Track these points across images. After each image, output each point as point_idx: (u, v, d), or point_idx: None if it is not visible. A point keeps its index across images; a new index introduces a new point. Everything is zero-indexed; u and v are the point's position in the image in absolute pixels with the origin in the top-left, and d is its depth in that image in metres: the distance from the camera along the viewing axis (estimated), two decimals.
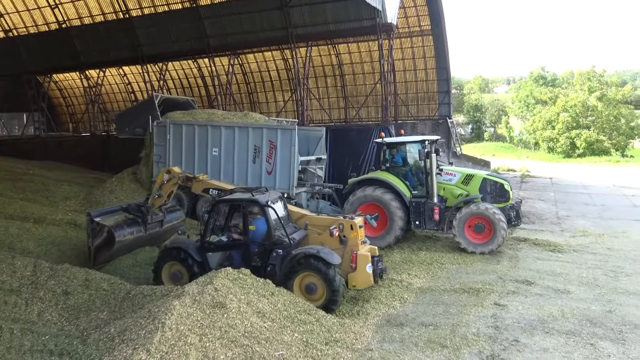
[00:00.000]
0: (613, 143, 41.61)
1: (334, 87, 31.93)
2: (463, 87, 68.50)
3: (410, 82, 30.90)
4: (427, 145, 14.09)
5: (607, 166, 35.79)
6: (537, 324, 8.57)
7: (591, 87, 43.30)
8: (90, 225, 10.93)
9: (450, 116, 30.37)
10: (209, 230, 9.71)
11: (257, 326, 7.10)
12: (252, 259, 9.35)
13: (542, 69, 55.42)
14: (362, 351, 7.52)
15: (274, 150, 15.16)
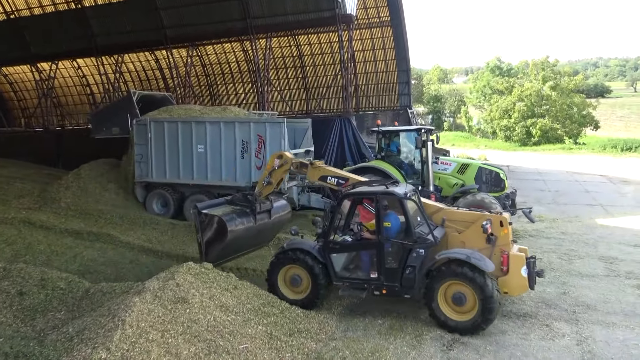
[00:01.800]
0: (566, 131, 43.00)
1: (295, 79, 31.82)
2: (422, 77, 69.40)
3: (370, 73, 31.08)
4: (423, 134, 14.22)
5: (561, 153, 37.01)
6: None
7: (545, 76, 44.57)
8: (199, 218, 9.80)
9: (411, 106, 30.73)
10: (333, 228, 8.71)
11: (220, 320, 7.05)
12: (386, 260, 8.23)
13: (498, 60, 56.70)
14: (326, 341, 7.59)
15: (263, 145, 14.74)
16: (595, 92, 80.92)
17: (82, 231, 13.78)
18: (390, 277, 8.15)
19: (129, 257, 12.18)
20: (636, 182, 22.82)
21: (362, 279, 8.46)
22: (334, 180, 9.53)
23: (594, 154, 35.36)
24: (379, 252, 8.23)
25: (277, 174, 10.03)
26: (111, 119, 18.88)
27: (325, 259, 8.56)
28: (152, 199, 16.31)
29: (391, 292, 8.23)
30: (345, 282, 8.50)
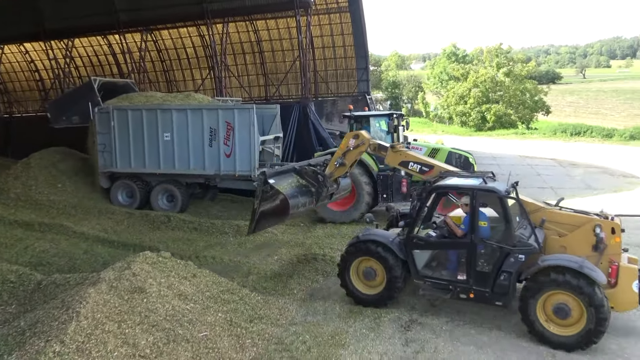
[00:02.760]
0: (519, 116, 44.20)
1: (253, 64, 31.43)
2: (381, 64, 69.85)
3: (329, 59, 31.02)
4: (394, 119, 14.25)
5: (514, 138, 38.09)
6: None
7: (499, 63, 45.58)
8: (262, 187, 9.16)
9: (369, 92, 30.90)
10: (418, 222, 8.03)
11: (179, 309, 6.99)
12: (477, 262, 7.42)
13: (454, 46, 57.58)
14: (286, 326, 7.65)
15: (232, 132, 14.48)
16: (546, 79, 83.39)
17: (33, 222, 13.35)
18: (480, 281, 7.38)
19: (83, 248, 11.90)
20: (584, 165, 23.75)
21: (448, 280, 7.71)
22: (416, 166, 8.85)
23: (545, 139, 36.53)
24: (471, 253, 7.44)
25: (351, 155, 9.45)
26: (71, 107, 18.13)
27: (407, 255, 7.90)
28: (117, 189, 15.92)
29: (480, 298, 7.48)
30: (427, 281, 7.84)
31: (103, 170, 15.81)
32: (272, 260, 10.86)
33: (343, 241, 12.23)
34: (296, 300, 8.73)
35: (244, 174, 14.50)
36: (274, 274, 9.88)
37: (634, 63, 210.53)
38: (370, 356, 6.78)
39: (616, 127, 36.85)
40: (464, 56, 55.77)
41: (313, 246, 11.82)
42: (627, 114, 52.13)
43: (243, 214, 15.31)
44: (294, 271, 10.04)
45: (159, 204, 15.47)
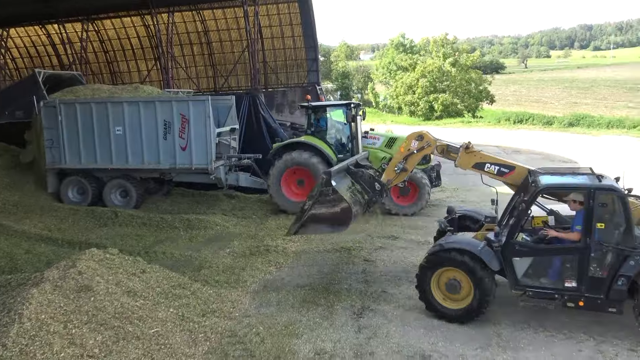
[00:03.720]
0: (465, 105, 45.36)
1: (201, 55, 30.91)
2: (330, 54, 70.00)
3: (278, 50, 30.85)
4: (352, 108, 14.23)
5: (461, 127, 39.12)
6: (402, 275, 9.29)
7: (445, 53, 46.56)
8: (322, 188, 8.16)
9: (319, 83, 30.96)
10: (518, 228, 7.24)
11: (128, 306, 6.84)
12: (589, 268, 6.84)
13: (402, 37, 58.30)
14: (239, 318, 7.62)
15: (187, 124, 14.08)
16: (490, 69, 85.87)
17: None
18: (593, 288, 6.82)
19: (24, 248, 11.40)
20: (526, 151, 24.69)
21: (554, 288, 7.05)
22: (494, 168, 8.04)
23: (490, 127, 37.68)
24: (584, 257, 6.84)
25: (414, 159, 8.53)
26: (14, 101, 17.22)
27: (505, 263, 7.13)
28: (67, 186, 15.22)
29: (591, 305, 6.93)
30: (528, 291, 7.13)
31: (51, 166, 15.14)
32: (224, 253, 10.76)
33: None
34: (249, 292, 8.70)
35: (200, 167, 14.23)
36: (227, 267, 9.80)
37: (572, 53, 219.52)
38: (324, 344, 6.85)
39: (556, 115, 38.41)
40: (411, 46, 56.58)
41: (266, 238, 11.80)
42: (566, 102, 54.50)
43: (194, 207, 15.11)
44: (246, 263, 9.99)
45: (112, 200, 14.97)
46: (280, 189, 14.00)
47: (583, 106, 47.25)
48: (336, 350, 6.72)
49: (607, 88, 66.49)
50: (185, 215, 13.73)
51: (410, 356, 6.57)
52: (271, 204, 15.14)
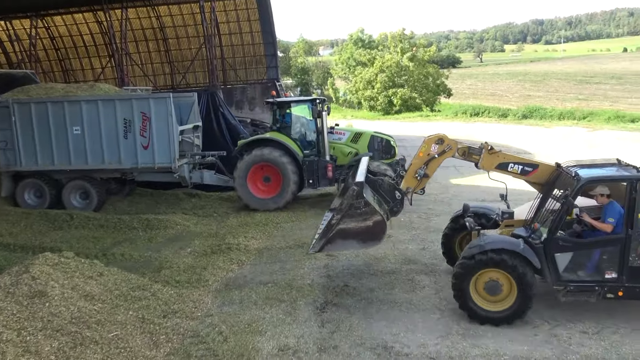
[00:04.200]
0: (424, 99, 46.05)
1: (157, 52, 30.25)
2: (289, 50, 69.77)
3: (236, 46, 30.51)
4: (318, 104, 14.17)
5: (420, 121, 39.67)
6: (363, 268, 9.40)
7: (403, 48, 47.11)
8: (354, 200, 7.41)
9: (279, 79, 30.83)
10: (561, 223, 7.13)
11: (85, 310, 6.67)
12: (630, 257, 6.91)
13: (361, 32, 58.66)
14: (202, 318, 7.54)
15: (148, 122, 13.77)
16: (447, 63, 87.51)
17: None
18: (633, 277, 6.96)
19: None
20: None
21: (594, 281, 7.10)
22: (517, 167, 7.94)
23: (447, 120, 38.38)
24: (624, 248, 6.92)
25: (436, 163, 8.19)
26: None
27: (547, 259, 7.08)
28: (23, 189, 14.66)
29: (630, 294, 7.07)
30: (569, 286, 7.13)
31: (5, 169, 14.55)
32: (185, 253, 10.63)
33: (257, 229, 12.25)
34: (211, 291, 8.62)
35: (163, 165, 13.98)
36: (188, 266, 9.68)
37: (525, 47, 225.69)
38: (287, 340, 6.86)
39: (510, 108, 39.47)
40: (370, 42, 56.99)
41: (227, 236, 11.70)
42: (520, 94, 56.08)
43: (153, 207, 14.85)
44: (208, 262, 9.89)
45: (72, 202, 14.51)
46: (246, 186, 13.91)
47: (536, 99, 48.72)
48: (300, 345, 6.74)
49: (558, 81, 68.76)
50: (144, 215, 13.47)
51: (373, 348, 6.65)
52: (232, 201, 15.04)
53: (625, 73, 72.37)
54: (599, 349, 6.47)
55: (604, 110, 33.47)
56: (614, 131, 26.98)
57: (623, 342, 6.60)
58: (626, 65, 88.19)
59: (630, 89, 53.40)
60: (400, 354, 6.51)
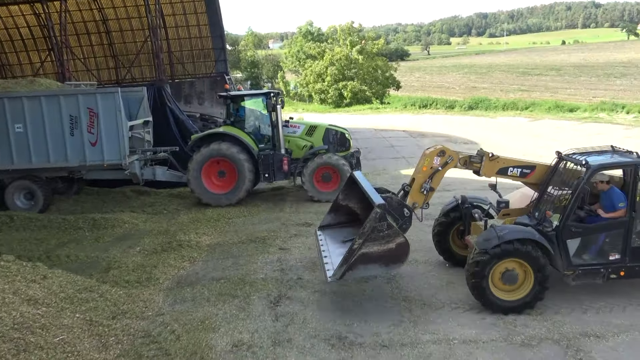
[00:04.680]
0: (373, 92, 46.62)
1: (101, 45, 29.21)
2: (238, 43, 69.00)
3: (183, 39, 29.87)
4: (272, 97, 13.95)
5: (370, 113, 40.17)
6: (317, 260, 9.37)
7: (352, 41, 47.45)
8: (377, 223, 6.99)
9: (228, 73, 30.43)
10: (574, 210, 7.34)
11: (29, 315, 6.41)
12: (631, 239, 7.31)
13: (310, 25, 58.65)
14: (153, 317, 7.38)
15: (96, 118, 13.20)
16: (396, 56, 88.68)
17: None
18: (635, 257, 7.35)
19: None
20: (431, 134, 25.85)
21: (600, 263, 7.40)
22: (516, 170, 8.07)
23: (397, 113, 39.02)
24: (627, 230, 7.30)
25: (440, 175, 8.11)
26: None
27: (560, 246, 7.28)
28: None
29: (631, 273, 7.45)
30: (579, 270, 7.37)
31: None
32: (134, 252, 10.35)
33: (209, 225, 12.10)
34: (162, 290, 8.45)
35: (113, 162, 13.53)
36: (137, 265, 9.42)
37: (470, 40, 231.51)
38: (242, 336, 6.82)
39: (457, 99, 40.51)
40: (319, 34, 57.08)
41: (178, 233, 11.49)
42: (466, 86, 57.62)
43: (99, 206, 14.40)
44: (158, 260, 9.68)
45: (16, 203, 13.79)
46: (200, 181, 13.69)
47: (481, 90, 50.21)
48: (254, 340, 6.71)
49: (502, 73, 71.04)
50: (90, 214, 13.04)
51: (327, 339, 6.70)
52: (183, 197, 14.79)
53: (563, 65, 75.56)
54: (542, 329, 6.77)
55: (545, 101, 34.89)
56: (554, 120, 28.18)
57: (564, 321, 6.93)
58: (564, 57, 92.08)
59: (569, 80, 55.87)
60: (354, 343, 6.59)
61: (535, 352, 6.28)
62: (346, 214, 9.09)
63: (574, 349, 6.29)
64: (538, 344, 6.43)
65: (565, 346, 6.37)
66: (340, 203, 9.04)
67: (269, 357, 6.34)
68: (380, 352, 6.38)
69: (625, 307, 7.29)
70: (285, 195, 15.02)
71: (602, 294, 7.62)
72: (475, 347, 6.43)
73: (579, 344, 6.41)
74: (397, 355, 6.32)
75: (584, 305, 7.35)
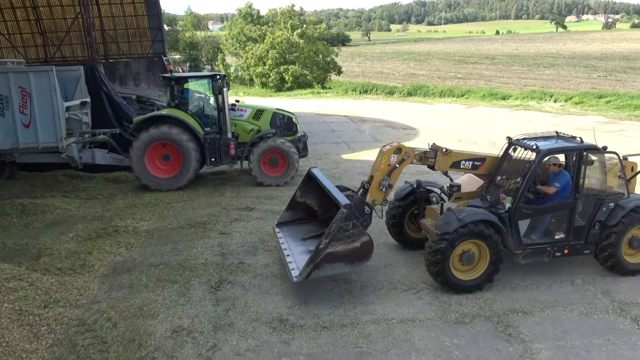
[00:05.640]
0: (314, 76, 46.59)
1: (27, 21, 27.50)
2: (177, 23, 66.89)
3: (117, 17, 28.61)
4: (218, 80, 13.53)
5: (311, 98, 40.16)
6: (258, 244, 9.43)
7: (293, 25, 47.11)
8: (342, 223, 7.01)
9: (165, 54, 29.48)
10: (524, 193, 7.65)
11: None
12: (575, 219, 7.80)
13: (249, 7, 57.66)
14: (88, 305, 7.16)
15: (29, 98, 12.39)
16: (337, 40, 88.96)
17: None
18: (577, 235, 7.87)
19: None
20: (372, 120, 26.22)
21: (548, 242, 7.88)
22: (468, 163, 8.41)
23: (338, 98, 39.22)
24: (572, 211, 7.80)
25: (397, 172, 8.21)
26: None
27: (511, 227, 7.64)
28: None
29: (573, 251, 7.97)
30: (527, 249, 7.79)
31: None
32: (67, 238, 9.93)
33: (147, 209, 11.80)
34: (98, 277, 8.19)
35: (48, 145, 12.80)
36: (70, 252, 9.05)
37: (409, 27, 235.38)
38: (182, 321, 6.74)
39: (396, 85, 41.20)
40: (259, 17, 56.24)
41: (114, 218, 11.12)
42: (405, 73, 58.70)
43: (28, 190, 13.67)
44: (93, 247, 9.35)
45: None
46: (144, 165, 13.27)
47: (420, 77, 51.30)
48: (194, 325, 6.66)
49: (439, 60, 72.91)
50: (18, 199, 12.35)
51: (269, 322, 6.75)
52: (119, 182, 14.34)
53: (497, 54, 78.47)
54: (475, 307, 7.11)
55: (480, 89, 36.11)
56: (487, 107, 29.26)
57: (495, 299, 7.32)
58: (498, 46, 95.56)
59: (502, 68, 58.11)
60: (294, 325, 6.67)
61: (468, 328, 6.60)
62: (304, 211, 9.25)
63: (503, 325, 6.66)
64: (471, 321, 6.76)
65: (496, 322, 6.73)
66: (297, 200, 9.14)
67: (209, 341, 6.32)
68: (321, 334, 6.50)
69: (550, 284, 7.78)
70: (226, 179, 14.84)
71: (530, 272, 8.09)
72: (412, 325, 6.67)
73: (509, 320, 6.79)
74: (338, 335, 6.45)
75: (513, 283, 7.78)
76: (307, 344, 6.29)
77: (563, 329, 6.58)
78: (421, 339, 6.38)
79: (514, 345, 6.22)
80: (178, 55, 58.72)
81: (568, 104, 28.49)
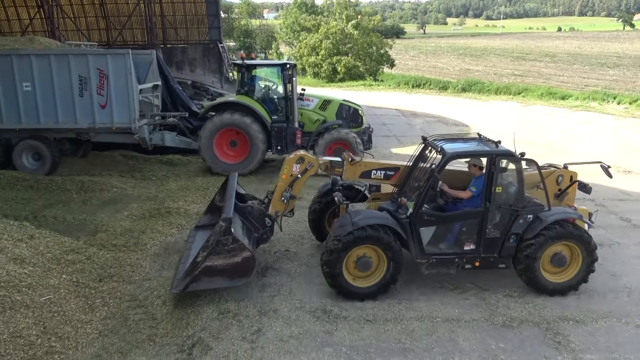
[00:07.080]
0: (367, 68, 46.27)
1: (92, 5, 28.64)
2: (232, 11, 67.83)
3: (177, 3, 29.36)
4: (288, 69, 13.72)
5: (363, 90, 39.91)
6: (304, 234, 9.55)
7: (348, 15, 46.87)
8: (220, 237, 6.73)
9: (221, 40, 30.02)
10: (425, 199, 7.12)
11: (15, 274, 6.41)
12: (486, 230, 7.15)
13: None
14: (139, 282, 7.43)
15: (106, 80, 12.90)
16: (391, 33, 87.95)
17: None
18: (489, 248, 7.25)
19: None
20: (423, 114, 25.83)
21: (455, 253, 7.30)
22: (380, 173, 7.97)
23: (390, 90, 38.82)
24: (482, 220, 7.14)
25: (300, 183, 7.98)
26: None
27: (412, 234, 7.12)
28: None
29: (485, 264, 7.34)
30: (432, 259, 7.24)
31: None
32: (122, 216, 10.32)
33: (198, 193, 12.08)
34: (149, 255, 8.48)
35: (122, 126, 13.27)
36: (125, 230, 9.41)
37: (467, 21, 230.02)
38: (228, 304, 6.87)
39: (450, 80, 40.38)
40: (313, 7, 56.26)
41: (166, 199, 11.46)
42: (460, 68, 57.42)
43: (87, 169, 14.28)
44: (146, 226, 9.67)
45: (23, 163, 13.47)
46: (212, 150, 13.60)
47: (475, 73, 50.07)
48: (240, 309, 6.78)
49: (497, 56, 70.88)
50: (78, 177, 12.90)
51: (312, 311, 6.80)
52: (172, 164, 14.74)
53: (558, 52, 75.58)
54: (524, 311, 6.92)
55: (538, 87, 34.89)
56: (545, 107, 28.25)
57: (545, 305, 7.09)
58: (559, 44, 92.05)
59: (563, 67, 55.91)
60: (338, 316, 6.69)
61: (515, 333, 6.44)
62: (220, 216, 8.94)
63: (552, 332, 6.46)
64: (519, 326, 6.59)
65: (545, 329, 6.53)
66: (217, 204, 8.76)
67: (254, 326, 6.43)
68: (364, 326, 6.49)
69: (605, 293, 7.46)
70: (277, 167, 14.97)
71: None
72: (457, 325, 6.57)
73: (558, 327, 6.57)
74: (381, 330, 6.43)
75: None
76: (349, 335, 6.30)
77: (616, 341, 6.31)
78: (466, 339, 6.28)
79: (562, 354, 6.03)
80: (233, 42, 59.56)
81: (633, 107, 27.12)
